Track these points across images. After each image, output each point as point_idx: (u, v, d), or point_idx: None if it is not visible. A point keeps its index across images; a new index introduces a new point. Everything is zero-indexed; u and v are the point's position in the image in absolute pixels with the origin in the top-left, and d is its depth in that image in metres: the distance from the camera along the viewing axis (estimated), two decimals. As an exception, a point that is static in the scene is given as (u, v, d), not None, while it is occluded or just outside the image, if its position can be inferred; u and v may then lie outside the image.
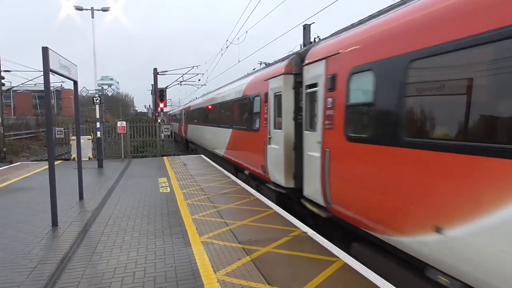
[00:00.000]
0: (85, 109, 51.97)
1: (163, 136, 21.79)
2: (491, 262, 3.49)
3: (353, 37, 6.45)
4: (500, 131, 3.61)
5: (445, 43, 4.06)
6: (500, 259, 3.37)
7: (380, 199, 5.25)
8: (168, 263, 4.96)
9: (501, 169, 3.37)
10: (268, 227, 6.46)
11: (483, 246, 3.54)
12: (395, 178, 4.93)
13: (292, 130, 8.85)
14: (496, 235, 3.40)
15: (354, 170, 6.01)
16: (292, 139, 8.84)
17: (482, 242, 3.54)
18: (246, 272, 4.59)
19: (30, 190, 10.18)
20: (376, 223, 5.33)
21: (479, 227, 3.57)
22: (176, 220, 6.98)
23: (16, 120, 45.89)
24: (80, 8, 18.58)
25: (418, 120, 4.70)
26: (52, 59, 6.87)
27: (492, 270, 3.50)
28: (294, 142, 8.80)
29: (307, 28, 17.11)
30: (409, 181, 4.62)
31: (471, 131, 3.80)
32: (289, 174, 8.87)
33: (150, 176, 12.51)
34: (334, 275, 4.48)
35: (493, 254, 3.45)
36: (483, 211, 3.52)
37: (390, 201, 5.01)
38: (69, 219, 7.27)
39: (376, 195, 5.34)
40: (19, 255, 5.34)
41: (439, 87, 4.25)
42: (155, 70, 29.44)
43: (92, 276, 4.60)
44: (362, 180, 5.72)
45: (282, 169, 8.98)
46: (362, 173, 5.72)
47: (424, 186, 4.33)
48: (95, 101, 15.83)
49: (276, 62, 10.85)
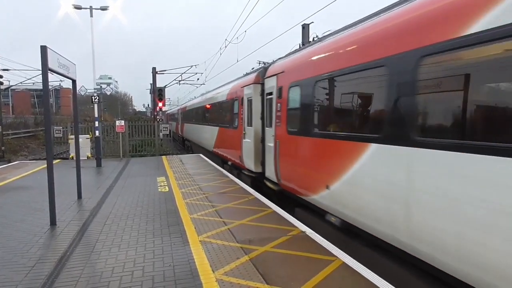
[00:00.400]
0: (83, 108, 51.90)
1: (162, 135, 21.74)
2: (352, 203, 5.80)
3: (292, 61, 9.11)
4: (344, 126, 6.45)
5: (333, 71, 6.56)
6: (356, 200, 5.67)
7: (303, 172, 7.79)
8: (167, 262, 4.96)
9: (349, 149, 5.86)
10: (267, 226, 6.47)
11: (346, 194, 5.95)
12: (309, 157, 7.49)
13: (260, 127, 10.93)
14: (351, 187, 5.78)
15: (291, 154, 8.50)
16: (259, 134, 10.92)
17: (346, 192, 5.97)
18: (245, 272, 4.59)
19: (28, 189, 10.16)
20: (302, 189, 7.82)
21: (343, 184, 5.99)
22: (175, 219, 6.98)
23: (15, 119, 45.76)
24: (78, 7, 18.54)
25: (320, 120, 7.23)
26: (51, 58, 6.86)
27: (353, 208, 5.80)
28: (261, 136, 10.84)
29: (306, 28, 17.12)
30: (315, 159, 7.20)
31: (337, 126, 6.58)
32: (258, 162, 10.98)
33: (149, 175, 12.51)
34: (332, 274, 4.49)
35: (351, 198, 5.81)
36: (343, 174, 5.94)
37: (308, 173, 7.54)
38: (67, 218, 7.26)
39: (301, 170, 7.89)
40: (17, 254, 5.33)
41: (325, 100, 7.09)
42: (153, 69, 29.43)
43: (90, 275, 4.61)
44: (295, 161, 8.32)
45: (253, 158, 11.13)
46: (295, 156, 8.31)
47: (323, 161, 6.89)
48: (94, 100, 15.78)
49: (250, 73, 13.29)
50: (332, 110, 6.91)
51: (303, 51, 8.82)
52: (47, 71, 6.77)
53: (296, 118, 8.13)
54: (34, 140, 38.39)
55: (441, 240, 4.03)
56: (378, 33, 5.52)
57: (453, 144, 3.91)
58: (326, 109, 7.12)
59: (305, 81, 7.64)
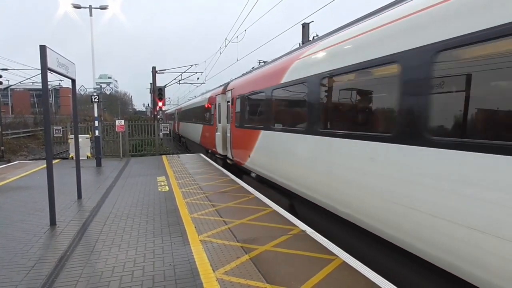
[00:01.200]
0: (83, 108, 51.88)
1: (162, 135, 21.71)
2: (258, 163, 10.53)
3: (237, 82, 14.28)
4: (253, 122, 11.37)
5: (252, 91, 11.43)
6: (260, 161, 10.37)
7: (240, 149, 12.46)
8: (167, 262, 4.95)
9: (253, 135, 10.93)
10: (267, 225, 6.46)
11: (256, 159, 10.69)
12: (242, 140, 12.17)
13: (225, 124, 15.23)
14: (257, 154, 10.58)
15: (236, 140, 13.27)
16: (225, 129, 15.18)
17: (255, 157, 10.75)
18: (245, 271, 4.59)
19: (28, 189, 10.15)
20: (241, 160, 12.43)
21: (254, 153, 10.73)
22: (175, 219, 6.98)
23: (14, 118, 45.67)
24: (78, 6, 18.48)
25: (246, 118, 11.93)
26: (50, 57, 6.84)
27: (259, 166, 10.53)
28: (225, 130, 15.12)
29: (306, 27, 17.10)
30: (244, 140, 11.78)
31: (251, 122, 11.39)
32: (224, 148, 15.46)
33: (149, 175, 12.50)
34: (332, 273, 4.49)
35: (259, 160, 10.48)
36: (254, 147, 10.75)
37: (242, 149, 12.14)
38: (67, 218, 7.26)
39: (240, 148, 12.62)
40: (17, 254, 5.33)
41: (248, 107, 11.77)
42: (153, 68, 29.38)
43: (90, 275, 4.60)
44: (237, 144, 13.02)
45: (221, 145, 15.81)
46: (237, 141, 13.02)
47: (247, 141, 11.35)
48: (93, 100, 15.76)
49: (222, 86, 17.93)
50: (251, 113, 11.70)
51: (241, 77, 14.48)
52: (47, 71, 6.74)
53: (238, 117, 13.02)
54: (34, 140, 38.33)
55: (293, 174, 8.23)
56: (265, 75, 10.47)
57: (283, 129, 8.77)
58: (249, 112, 11.91)
59: (241, 96, 12.67)
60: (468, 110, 3.81)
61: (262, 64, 13.14)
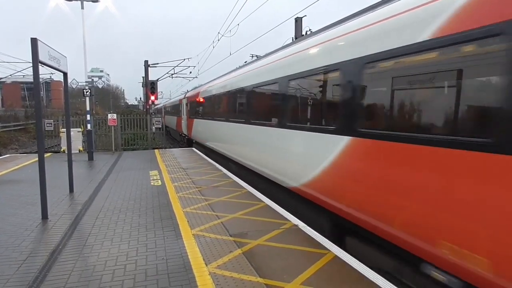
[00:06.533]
0: (75, 101, 51.33)
1: (154, 129, 21.63)
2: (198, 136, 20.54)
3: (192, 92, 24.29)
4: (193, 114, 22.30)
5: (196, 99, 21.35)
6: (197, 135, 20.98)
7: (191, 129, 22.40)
8: (160, 255, 4.97)
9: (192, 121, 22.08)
10: (260, 220, 6.50)
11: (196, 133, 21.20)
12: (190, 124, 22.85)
13: (187, 116, 24.13)
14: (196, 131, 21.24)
15: (190, 125, 22.59)
16: (186, 119, 24.31)
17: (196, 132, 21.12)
18: (238, 265, 4.62)
19: (19, 183, 10.07)
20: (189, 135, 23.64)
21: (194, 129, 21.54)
22: (168, 213, 6.98)
23: (4, 112, 45.14)
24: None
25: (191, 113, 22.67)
26: (41, 50, 6.77)
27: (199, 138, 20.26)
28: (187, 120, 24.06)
29: (298, 21, 17.09)
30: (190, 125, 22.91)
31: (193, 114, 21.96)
32: (189, 131, 23.12)
33: (141, 169, 12.47)
34: (324, 267, 4.54)
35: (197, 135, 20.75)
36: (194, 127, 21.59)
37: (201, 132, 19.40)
38: (59, 212, 7.23)
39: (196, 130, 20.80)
40: (9, 248, 5.31)
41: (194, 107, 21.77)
42: (146, 62, 29.16)
43: (83, 268, 4.60)
44: (191, 128, 22.21)
45: (186, 129, 24.62)
46: (189, 125, 22.99)
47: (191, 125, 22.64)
48: (85, 93, 15.61)
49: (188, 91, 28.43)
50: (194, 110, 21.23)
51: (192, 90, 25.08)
52: (38, 64, 6.67)
53: (191, 111, 22.12)
54: (25, 133, 37.94)
55: None
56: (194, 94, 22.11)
57: None
58: (194, 110, 21.19)
59: (192, 102, 22.11)
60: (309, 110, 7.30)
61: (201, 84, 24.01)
